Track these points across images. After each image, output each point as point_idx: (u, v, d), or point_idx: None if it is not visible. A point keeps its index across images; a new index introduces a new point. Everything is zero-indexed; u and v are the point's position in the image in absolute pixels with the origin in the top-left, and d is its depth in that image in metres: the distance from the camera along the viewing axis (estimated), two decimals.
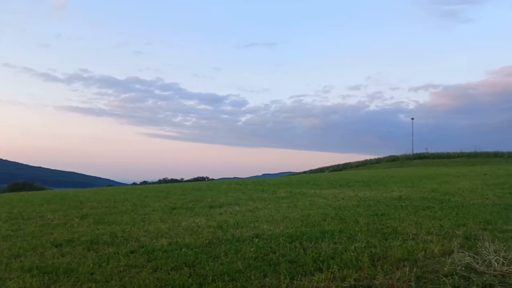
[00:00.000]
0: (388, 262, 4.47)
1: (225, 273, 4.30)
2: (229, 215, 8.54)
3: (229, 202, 11.07)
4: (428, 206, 9.15)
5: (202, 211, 9.35)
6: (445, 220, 7.14)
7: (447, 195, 11.60)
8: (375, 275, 4.01)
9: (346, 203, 10.30)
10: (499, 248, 4.77)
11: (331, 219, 7.58)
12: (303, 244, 5.44)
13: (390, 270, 4.18)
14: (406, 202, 10.14)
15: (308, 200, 11.11)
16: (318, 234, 6.11)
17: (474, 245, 5.05)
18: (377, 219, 7.47)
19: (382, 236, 5.84)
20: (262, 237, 6.02)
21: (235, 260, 4.76)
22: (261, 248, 5.32)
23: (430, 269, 4.16)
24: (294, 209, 9.31)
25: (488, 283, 3.73)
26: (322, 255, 4.82)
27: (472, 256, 4.50)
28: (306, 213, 8.48)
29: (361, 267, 4.26)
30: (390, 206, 9.39)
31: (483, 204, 9.38)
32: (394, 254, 4.74)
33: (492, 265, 4.22)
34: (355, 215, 7.93)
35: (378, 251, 4.91)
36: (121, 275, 4.38)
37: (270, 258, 4.83)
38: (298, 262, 4.58)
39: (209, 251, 5.27)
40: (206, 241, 5.90)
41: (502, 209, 8.40)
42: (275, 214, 8.40)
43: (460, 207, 8.93)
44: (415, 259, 4.56)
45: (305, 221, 7.40)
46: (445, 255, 4.65)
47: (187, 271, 4.43)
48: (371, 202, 10.21)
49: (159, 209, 9.80)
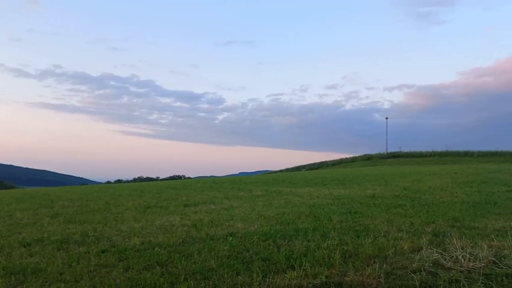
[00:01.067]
0: (359, 259, 4.54)
1: (198, 271, 4.28)
2: (204, 213, 8.50)
3: (204, 200, 11.02)
4: (400, 204, 9.33)
5: (176, 209, 9.27)
6: (416, 217, 7.30)
7: (419, 193, 11.86)
8: (346, 272, 4.07)
9: (320, 201, 10.41)
10: (466, 245, 4.91)
11: (305, 217, 7.64)
12: (277, 242, 5.47)
13: (361, 266, 4.25)
14: (379, 200, 10.32)
15: (283, 199, 11.17)
16: (292, 232, 6.15)
17: (442, 242, 5.18)
18: (350, 217, 7.57)
19: (355, 234, 5.93)
20: (236, 236, 6.01)
21: (208, 259, 4.74)
22: (235, 246, 5.32)
23: (399, 266, 4.25)
24: (270, 207, 9.34)
25: (455, 279, 3.82)
26: (295, 252, 4.86)
27: (440, 252, 4.61)
28: (281, 211, 8.52)
29: (332, 264, 4.31)
30: (364, 204, 9.54)
31: (453, 202, 9.64)
32: (365, 251, 4.82)
33: (459, 261, 4.34)
34: (329, 213, 8.02)
35: (350, 248, 4.98)
36: (91, 275, 4.31)
37: (244, 256, 4.83)
38: (271, 260, 4.60)
39: (182, 250, 5.23)
40: (179, 240, 5.85)
41: (470, 207, 8.65)
42: (250, 213, 8.41)
43: (431, 205, 9.16)
44: (385, 255, 4.64)
45: (280, 219, 7.44)
46: (414, 252, 4.76)
47: (159, 270, 4.39)
48: (345, 200, 10.35)
49: (133, 208, 9.68)
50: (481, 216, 7.39)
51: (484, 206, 8.81)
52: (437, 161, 44.48)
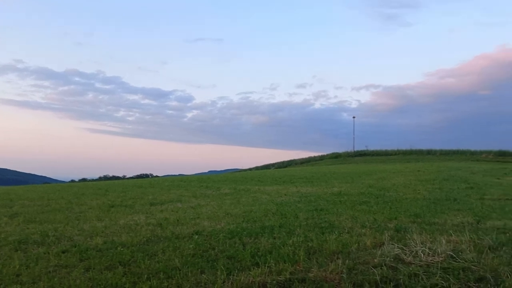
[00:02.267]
0: (323, 255, 4.59)
1: (161, 270, 4.22)
2: (170, 212, 8.40)
3: (171, 199, 10.89)
4: (364, 201, 9.52)
5: (142, 208, 9.12)
6: (379, 214, 7.47)
7: (383, 190, 12.14)
8: (310, 268, 4.11)
9: (288, 199, 10.48)
10: (426, 240, 5.06)
11: (272, 214, 7.67)
12: (243, 240, 5.47)
13: (324, 262, 4.30)
14: (345, 197, 10.49)
15: (251, 197, 11.18)
16: (258, 229, 6.16)
17: (404, 237, 5.31)
18: (316, 214, 7.66)
19: (320, 230, 6.00)
20: (202, 234, 5.97)
21: (172, 258, 4.68)
22: (200, 244, 5.28)
23: (361, 261, 4.33)
24: (237, 205, 9.33)
25: (414, 273, 3.93)
26: (260, 250, 4.87)
27: (401, 247, 4.74)
28: (249, 209, 8.53)
29: (297, 260, 4.35)
30: (330, 201, 9.68)
31: (415, 198, 9.92)
32: (330, 247, 4.89)
33: (418, 255, 4.46)
34: (296, 211, 8.09)
35: (315, 245, 5.03)
36: (50, 275, 4.17)
37: (209, 255, 4.80)
38: (237, 258, 4.59)
39: (146, 249, 5.14)
40: (144, 239, 5.75)
41: (431, 203, 8.93)
42: (217, 211, 8.37)
43: (394, 201, 9.39)
44: (348, 251, 4.72)
45: (247, 217, 7.45)
46: (376, 247, 4.86)
47: (122, 270, 4.30)
48: (312, 198, 10.46)
49: (96, 207, 9.44)
50: (441, 212, 7.64)
51: (444, 202, 9.11)
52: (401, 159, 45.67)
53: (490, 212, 7.52)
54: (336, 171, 24.59)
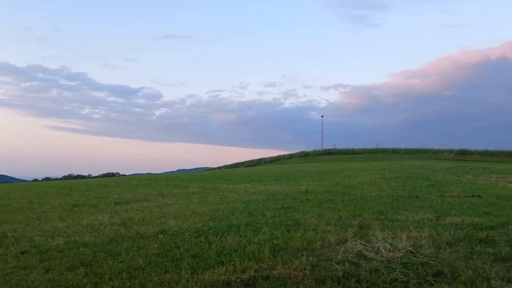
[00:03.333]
0: (288, 253, 4.64)
1: (124, 271, 4.15)
2: (135, 211, 8.27)
3: (137, 198, 10.73)
4: (331, 199, 9.68)
5: (106, 208, 8.94)
6: (344, 211, 7.61)
7: (349, 188, 12.38)
8: (274, 266, 4.14)
9: (256, 197, 10.52)
10: (387, 236, 5.20)
11: (239, 213, 7.69)
12: (209, 239, 5.45)
13: (289, 260, 4.35)
14: (311, 195, 10.63)
15: (219, 195, 11.16)
16: (225, 228, 6.16)
17: (366, 234, 5.44)
18: (283, 212, 7.73)
19: (286, 228, 6.05)
20: (168, 233, 5.91)
21: (136, 258, 4.61)
22: (165, 244, 5.23)
23: (325, 258, 4.40)
24: (205, 204, 9.29)
25: (375, 268, 4.03)
26: (226, 248, 4.87)
27: (364, 244, 4.84)
28: (216, 207, 8.51)
29: (262, 258, 4.37)
30: (297, 199, 9.78)
31: (379, 196, 10.16)
32: (295, 244, 4.94)
33: (380, 251, 4.58)
34: (263, 209, 8.13)
35: (280, 243, 5.08)
36: (7, 277, 4.03)
37: (174, 254, 4.76)
38: (202, 257, 4.57)
39: (110, 249, 5.05)
40: (107, 239, 5.64)
41: (394, 200, 9.17)
42: (184, 210, 8.31)
43: (359, 199, 9.59)
44: (313, 248, 4.79)
45: (214, 215, 7.43)
46: (340, 244, 4.95)
47: (83, 270, 4.20)
48: (280, 196, 10.54)
49: (59, 207, 9.18)
50: (403, 209, 7.86)
51: (407, 199, 9.38)
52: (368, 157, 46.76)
53: (449, 209, 7.79)
54: (304, 170, 24.88)
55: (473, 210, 7.59)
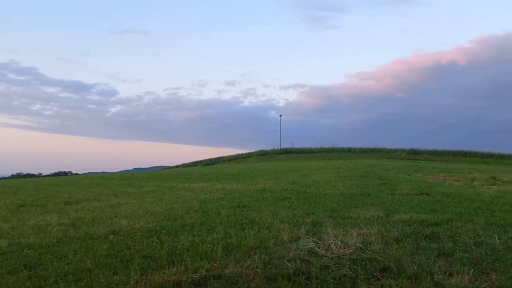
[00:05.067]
0: (241, 251, 4.64)
1: (71, 273, 4.00)
2: (86, 211, 7.99)
3: (88, 198, 10.38)
4: (286, 197, 9.77)
5: (55, 208, 8.58)
6: (299, 209, 7.71)
7: (305, 186, 12.56)
8: (226, 265, 4.12)
9: (212, 196, 10.46)
10: (339, 233, 5.32)
11: (194, 212, 7.61)
12: (161, 238, 5.35)
13: (241, 258, 4.34)
14: (268, 193, 10.69)
15: (175, 194, 11.00)
16: (178, 227, 6.07)
17: (319, 231, 5.53)
18: (239, 210, 7.72)
19: (240, 227, 6.05)
20: (119, 234, 5.75)
21: (84, 259, 4.45)
22: (115, 244, 5.08)
23: (277, 255, 4.44)
24: (159, 203, 9.13)
25: (325, 265, 4.11)
26: (178, 248, 4.79)
27: (316, 241, 4.92)
28: (171, 206, 8.38)
29: (214, 257, 4.34)
30: (253, 198, 9.81)
31: (333, 194, 10.38)
32: (248, 243, 4.95)
33: (331, 248, 4.67)
34: (219, 208, 8.09)
35: (234, 241, 5.07)
36: None
37: (124, 255, 4.63)
38: (153, 257, 4.48)
39: (56, 251, 4.84)
40: (54, 240, 5.41)
41: (347, 198, 9.40)
42: (137, 209, 8.12)
43: (314, 197, 9.74)
44: (266, 247, 4.81)
45: (168, 215, 7.31)
46: (292, 242, 5.01)
47: (26, 273, 4.01)
48: (236, 195, 10.53)
49: (3, 207, 8.73)
50: (355, 206, 8.06)
51: (359, 197, 9.63)
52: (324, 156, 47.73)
53: (399, 206, 8.07)
54: (262, 168, 25.01)
55: (420, 207, 7.91)
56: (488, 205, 8.34)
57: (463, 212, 7.33)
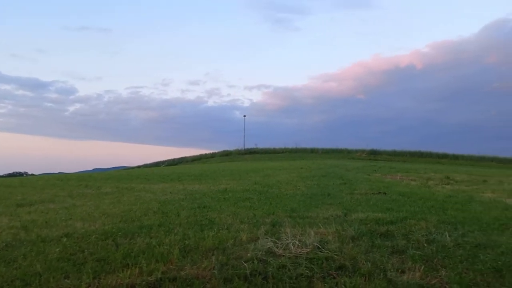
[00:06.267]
0: (199, 252, 4.59)
1: (19, 278, 3.82)
2: (39, 213, 7.67)
3: (43, 199, 9.98)
4: (248, 198, 9.78)
5: (6, 210, 8.19)
6: (259, 209, 7.73)
7: (267, 187, 12.61)
8: (183, 266, 4.07)
9: (173, 197, 10.31)
10: (297, 233, 5.37)
11: (153, 213, 7.47)
12: (117, 241, 5.21)
13: (198, 260, 4.30)
14: (230, 194, 10.66)
15: (134, 195, 10.76)
16: (135, 229, 5.94)
17: (278, 231, 5.57)
18: (199, 211, 7.65)
19: (199, 228, 5.99)
20: (73, 236, 5.56)
21: (34, 263, 4.27)
22: (68, 247, 4.90)
23: (235, 256, 4.43)
24: (117, 204, 8.89)
25: (282, 265, 4.14)
26: (134, 250, 4.69)
27: (274, 241, 4.95)
28: (129, 208, 8.19)
29: (171, 259, 4.28)
30: (214, 198, 9.75)
31: (294, 194, 10.49)
32: (206, 244, 4.91)
33: (289, 248, 4.71)
34: (178, 209, 7.98)
35: (192, 243, 5.01)
36: None
37: (77, 258, 4.48)
38: (107, 260, 4.36)
39: (4, 255, 4.62)
40: (3, 244, 5.16)
41: (307, 198, 9.52)
42: (93, 211, 7.88)
43: (275, 197, 9.80)
44: (224, 247, 4.79)
45: (125, 216, 7.13)
46: (251, 242, 5.01)
47: None
48: (197, 195, 10.44)
49: None
50: (315, 206, 8.18)
51: (319, 197, 9.78)
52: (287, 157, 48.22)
53: (356, 206, 8.26)
54: (225, 169, 24.93)
55: (377, 206, 8.12)
56: (441, 204, 8.68)
57: (417, 211, 7.59)
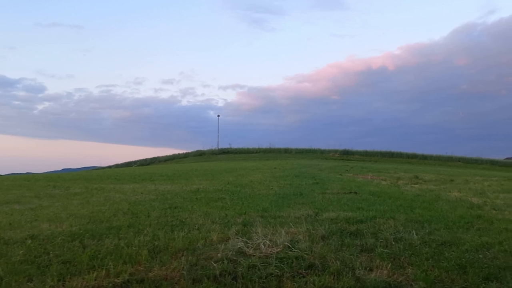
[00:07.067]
0: (168, 253, 4.54)
1: None
2: (3, 215, 7.40)
3: (7, 200, 9.64)
4: (220, 198, 9.74)
5: None
6: (231, 210, 7.71)
7: (240, 187, 12.60)
8: (151, 268, 4.01)
9: (144, 197, 10.15)
10: (268, 232, 5.38)
11: (122, 214, 7.33)
12: (84, 242, 5.09)
13: (168, 261, 4.25)
14: (202, 194, 10.59)
15: (103, 196, 10.54)
16: (104, 230, 5.81)
17: (249, 231, 5.56)
18: (170, 212, 7.56)
19: (170, 228, 5.92)
20: (38, 238, 5.38)
21: None
22: (33, 250, 4.75)
23: (205, 256, 4.39)
24: (86, 205, 8.68)
25: (253, 264, 4.13)
26: (102, 252, 4.59)
27: (245, 241, 4.94)
28: (98, 209, 8.01)
29: (139, 260, 4.21)
30: (186, 198, 9.66)
31: (267, 194, 10.51)
32: (176, 245, 4.85)
33: (259, 248, 4.71)
34: (149, 209, 7.87)
35: (161, 244, 4.94)
36: None
37: (41, 260, 4.34)
38: (73, 262, 4.25)
39: None
40: None
41: (280, 198, 9.55)
42: (61, 212, 7.66)
43: (248, 197, 9.80)
44: (194, 248, 4.75)
45: (94, 217, 6.97)
46: (222, 242, 4.99)
47: None
48: (169, 196, 10.32)
49: None
50: (287, 206, 8.22)
51: (292, 197, 9.84)
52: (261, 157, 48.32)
53: (328, 205, 8.34)
54: (198, 169, 24.76)
55: (348, 206, 8.23)
56: (409, 203, 8.87)
57: (386, 210, 7.73)
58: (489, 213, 7.77)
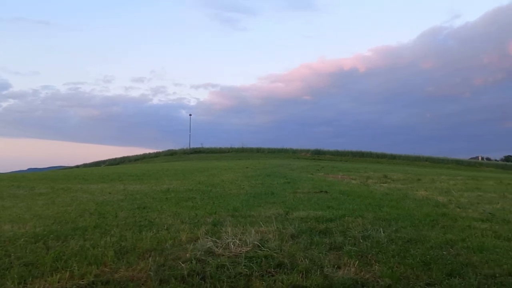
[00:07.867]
0: (136, 254, 4.45)
1: None
2: None
3: None
4: (191, 197, 9.64)
5: None
6: (202, 209, 7.64)
7: (211, 186, 12.51)
8: (118, 269, 3.93)
9: (111, 197, 9.94)
10: (238, 232, 5.36)
11: (89, 214, 7.15)
12: (48, 244, 4.93)
13: (135, 261, 4.17)
14: (172, 194, 10.46)
15: (70, 196, 10.25)
16: (69, 231, 5.65)
17: (219, 231, 5.52)
18: (138, 212, 7.43)
19: (138, 229, 5.82)
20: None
21: None
22: None
23: (173, 257, 4.34)
24: (51, 206, 8.42)
25: (222, 264, 4.10)
26: (66, 253, 4.46)
27: (214, 241, 4.91)
28: (63, 209, 7.78)
29: (105, 262, 4.11)
30: (156, 198, 9.52)
31: (238, 193, 10.48)
32: (143, 245, 4.77)
33: (229, 247, 4.69)
34: (117, 209, 7.70)
35: (128, 244, 4.85)
36: None
37: (2, 263, 4.18)
38: (36, 264, 4.11)
39: None
40: None
41: (251, 197, 9.55)
42: (24, 213, 7.41)
43: (219, 197, 9.74)
44: (162, 248, 4.68)
45: (59, 218, 6.77)
46: (191, 242, 4.93)
47: None
48: (138, 196, 10.14)
49: None
50: (258, 205, 8.22)
51: (263, 196, 9.85)
52: (234, 156, 48.24)
53: (298, 204, 8.40)
54: (169, 168, 24.46)
55: (318, 205, 8.31)
56: (378, 201, 9.05)
57: (355, 208, 7.85)
58: (454, 211, 8.02)
